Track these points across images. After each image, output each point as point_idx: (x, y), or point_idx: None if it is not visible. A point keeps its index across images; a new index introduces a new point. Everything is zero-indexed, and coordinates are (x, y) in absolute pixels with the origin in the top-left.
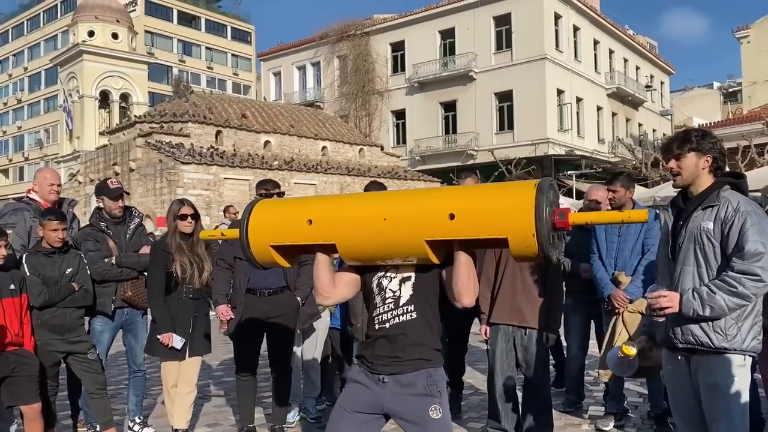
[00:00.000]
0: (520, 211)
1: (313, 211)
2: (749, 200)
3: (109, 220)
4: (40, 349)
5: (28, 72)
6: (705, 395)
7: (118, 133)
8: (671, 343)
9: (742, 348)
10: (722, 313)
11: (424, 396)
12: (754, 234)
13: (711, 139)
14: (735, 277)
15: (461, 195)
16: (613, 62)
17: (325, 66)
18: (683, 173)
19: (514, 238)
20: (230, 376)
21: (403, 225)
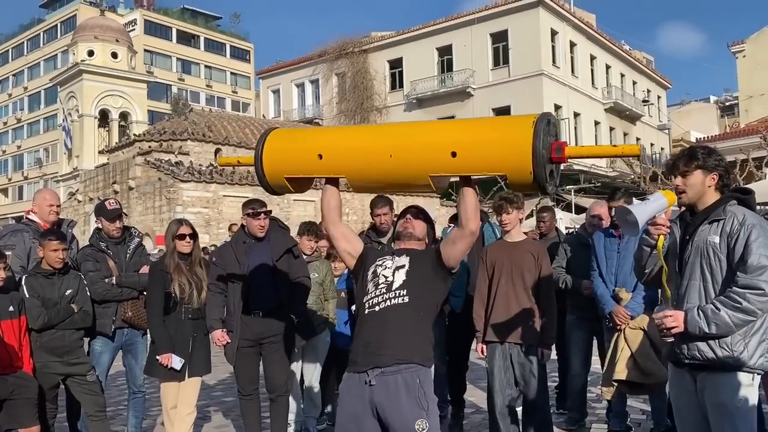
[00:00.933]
0: (518, 149)
1: (323, 146)
2: (756, 214)
3: (109, 240)
4: (38, 372)
5: (27, 92)
6: (712, 415)
7: (118, 152)
8: (677, 359)
9: (748, 365)
10: (728, 330)
11: (413, 406)
12: (759, 247)
13: (717, 156)
14: (739, 293)
15: (462, 131)
16: (610, 77)
17: (324, 83)
18: (689, 191)
19: (512, 174)
20: (230, 395)
21: (407, 162)
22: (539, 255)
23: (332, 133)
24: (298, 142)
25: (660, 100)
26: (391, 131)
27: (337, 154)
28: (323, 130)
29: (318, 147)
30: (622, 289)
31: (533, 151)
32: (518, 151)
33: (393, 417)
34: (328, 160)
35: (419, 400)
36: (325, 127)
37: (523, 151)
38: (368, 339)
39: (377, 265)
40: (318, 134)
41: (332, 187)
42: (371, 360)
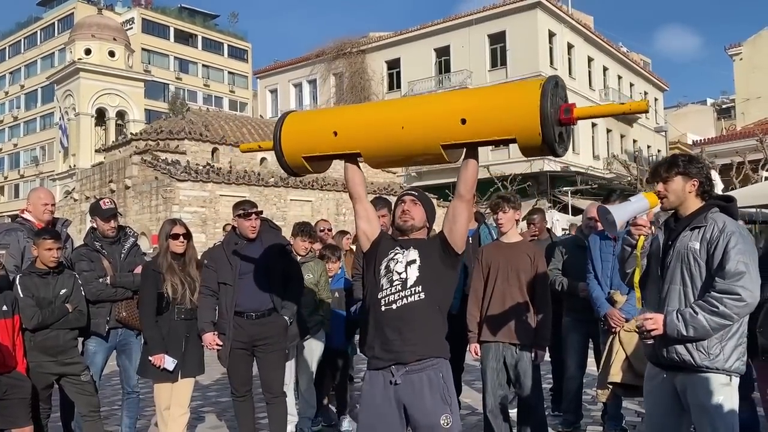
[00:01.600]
0: (526, 111)
1: (337, 123)
2: (736, 222)
3: (104, 240)
4: (32, 372)
5: (24, 90)
6: (694, 415)
7: (114, 151)
8: (657, 360)
9: (724, 368)
10: (706, 333)
11: (437, 402)
12: (737, 254)
13: (698, 164)
14: (716, 297)
15: (470, 99)
16: (608, 79)
17: (322, 83)
18: (670, 196)
19: (522, 137)
20: (225, 396)
21: (419, 132)
22: (535, 256)
23: (346, 110)
24: (313, 122)
25: (657, 102)
26: (402, 104)
27: (351, 130)
28: (338, 109)
29: (333, 125)
30: (617, 291)
31: (541, 112)
32: (526, 113)
33: (419, 414)
34: (343, 136)
35: (443, 395)
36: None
37: (531, 113)
38: (388, 337)
39: (389, 260)
40: (332, 113)
41: (352, 165)
42: (393, 357)
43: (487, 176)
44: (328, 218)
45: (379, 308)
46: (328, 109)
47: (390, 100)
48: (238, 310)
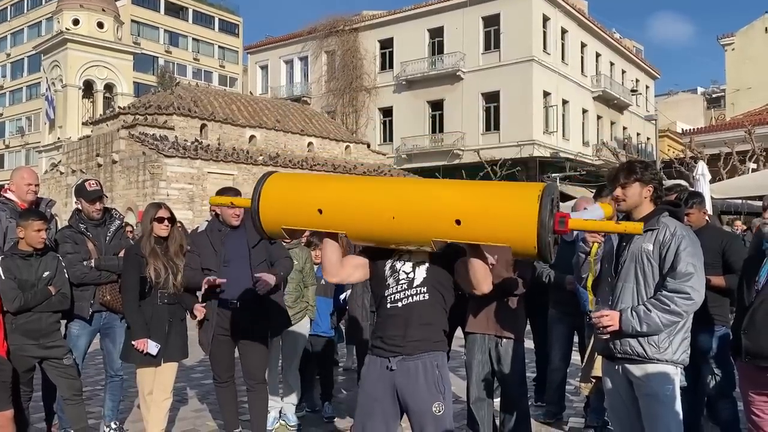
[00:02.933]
0: (524, 223)
1: (323, 200)
2: (684, 226)
3: (89, 222)
4: (13, 355)
5: (10, 58)
6: (644, 404)
7: (102, 124)
8: (610, 353)
9: (672, 359)
10: (658, 329)
11: (430, 389)
12: (687, 256)
13: (653, 170)
14: (668, 296)
15: (467, 198)
16: (600, 65)
17: (313, 61)
18: (627, 200)
19: (516, 246)
20: (208, 378)
21: (411, 224)
22: None
23: (333, 186)
24: (297, 193)
25: (648, 90)
26: (395, 190)
27: (337, 211)
28: (324, 181)
29: (318, 201)
30: None
31: (539, 226)
32: (524, 224)
33: (412, 399)
34: (329, 216)
35: (437, 384)
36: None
37: (528, 226)
38: (392, 332)
39: (395, 260)
40: (318, 184)
41: (332, 242)
42: (393, 350)
43: (477, 160)
44: None
45: (386, 305)
46: (314, 179)
47: (382, 179)
48: (221, 297)
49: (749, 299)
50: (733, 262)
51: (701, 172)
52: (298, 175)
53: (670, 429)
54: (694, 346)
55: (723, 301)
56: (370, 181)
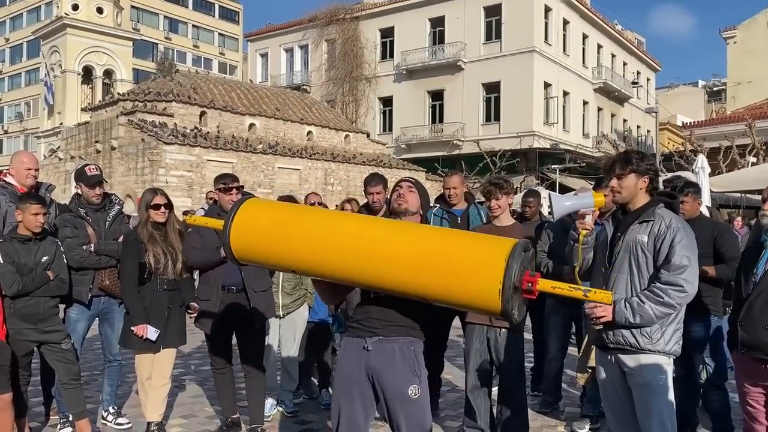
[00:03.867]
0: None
1: (297, 248)
2: (680, 218)
3: (89, 207)
4: (12, 339)
5: (9, 43)
6: (637, 393)
7: (101, 110)
8: (603, 343)
9: (665, 350)
10: (651, 321)
11: (406, 372)
12: (681, 248)
13: (649, 161)
14: (662, 288)
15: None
16: (601, 57)
17: (313, 49)
18: (623, 192)
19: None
20: (206, 364)
21: (380, 284)
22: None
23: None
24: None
25: (649, 82)
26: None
27: (313, 261)
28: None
29: (291, 257)
30: None
31: (503, 303)
32: (487, 296)
33: (387, 382)
34: (301, 269)
35: (413, 367)
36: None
37: (492, 300)
38: (371, 315)
39: None
40: (292, 224)
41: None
42: (371, 330)
43: (477, 151)
44: (316, 187)
45: (368, 294)
46: (289, 213)
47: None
48: (223, 284)
49: (746, 291)
50: (724, 252)
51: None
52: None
53: (663, 418)
54: (687, 337)
55: (715, 292)
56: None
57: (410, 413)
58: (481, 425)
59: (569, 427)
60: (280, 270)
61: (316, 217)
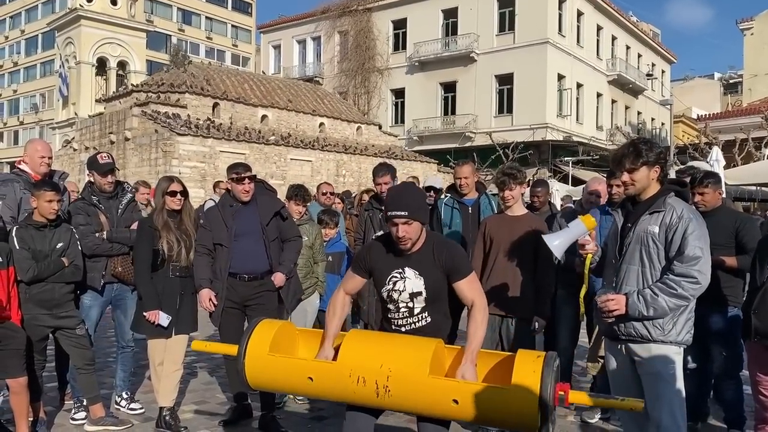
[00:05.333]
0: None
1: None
2: (691, 208)
3: (101, 195)
4: (27, 324)
5: (25, 35)
6: (647, 383)
7: (115, 102)
8: (614, 335)
9: (676, 341)
10: (664, 313)
11: None
12: (694, 239)
13: (658, 149)
14: (675, 280)
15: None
16: (616, 49)
17: (326, 41)
18: (636, 185)
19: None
20: None
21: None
22: (539, 230)
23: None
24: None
25: (664, 74)
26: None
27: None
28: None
29: (308, 369)
30: None
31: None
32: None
33: None
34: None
35: None
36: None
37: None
38: None
39: (391, 290)
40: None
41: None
42: None
43: (489, 143)
44: (328, 179)
45: (390, 326)
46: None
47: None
48: (231, 272)
49: (761, 280)
50: (746, 242)
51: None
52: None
53: (673, 407)
54: (706, 327)
55: (736, 282)
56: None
57: None
58: None
59: (579, 416)
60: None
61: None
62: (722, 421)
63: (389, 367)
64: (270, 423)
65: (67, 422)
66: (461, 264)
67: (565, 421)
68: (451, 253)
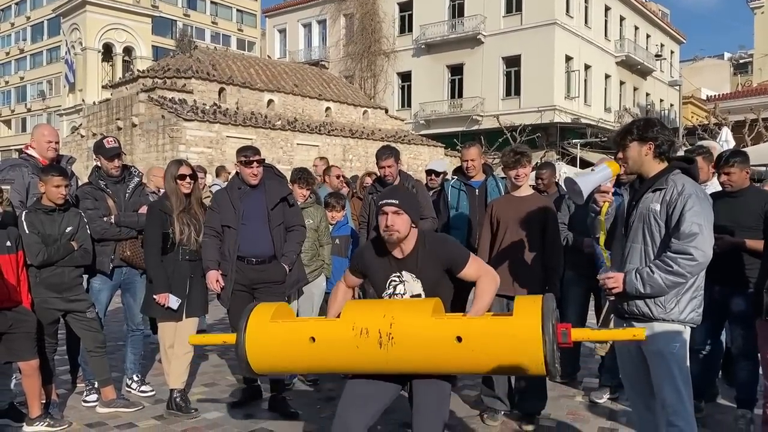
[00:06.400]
0: (528, 343)
1: (315, 327)
2: (695, 184)
3: (108, 179)
4: (38, 307)
5: (30, 21)
6: (651, 362)
7: (121, 87)
8: (619, 313)
9: (679, 319)
10: (661, 290)
11: None
12: (692, 215)
13: (654, 126)
14: (671, 257)
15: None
16: (624, 30)
17: (331, 24)
18: (629, 162)
19: (523, 364)
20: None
21: (407, 349)
22: (547, 211)
23: (323, 320)
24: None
25: (673, 55)
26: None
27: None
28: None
29: (309, 330)
30: None
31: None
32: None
33: None
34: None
35: None
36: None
37: (533, 343)
38: None
39: (393, 294)
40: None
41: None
42: None
43: (497, 126)
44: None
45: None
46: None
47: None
48: (239, 255)
49: None
50: None
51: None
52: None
53: (678, 386)
54: (728, 308)
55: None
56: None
57: (426, 392)
58: (499, 394)
59: (587, 396)
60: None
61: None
62: (733, 400)
63: (392, 315)
64: (279, 404)
65: (79, 404)
66: (458, 254)
67: (573, 401)
68: (446, 247)
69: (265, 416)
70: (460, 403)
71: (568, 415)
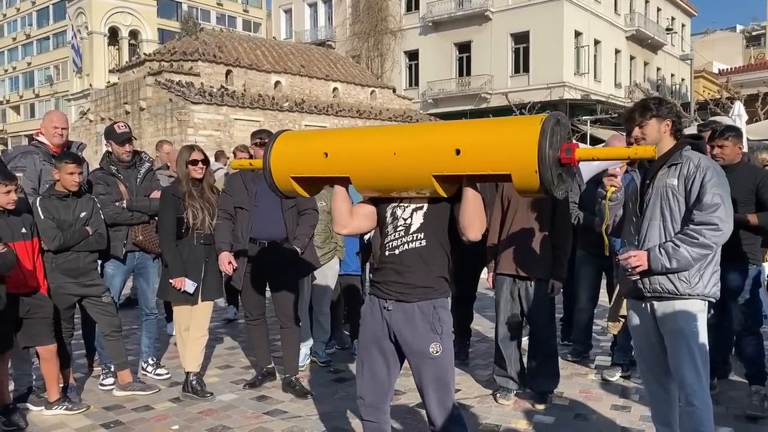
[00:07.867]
0: (523, 148)
1: (329, 145)
2: (708, 158)
3: (119, 164)
4: (54, 292)
5: (36, 6)
6: (669, 340)
7: (128, 71)
8: (639, 294)
9: (704, 293)
10: (688, 264)
11: (426, 331)
12: (713, 187)
13: (668, 104)
14: (696, 229)
15: (467, 130)
16: (634, 3)
17: (337, 3)
18: (647, 138)
19: (517, 174)
20: (242, 318)
21: (411, 160)
22: None
23: (340, 133)
24: (305, 143)
25: (684, 28)
26: (398, 131)
27: (342, 152)
28: (331, 131)
29: (324, 146)
30: None
31: (539, 150)
32: (524, 149)
33: (408, 340)
34: (334, 158)
35: (433, 325)
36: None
37: (528, 150)
38: (390, 278)
39: (395, 207)
40: (326, 135)
41: (342, 192)
42: (391, 294)
43: (506, 104)
44: None
45: (384, 253)
46: (322, 131)
47: (386, 127)
48: (252, 237)
49: None
50: (767, 200)
51: (737, 112)
52: (306, 132)
53: (697, 363)
54: (726, 284)
55: (755, 239)
56: (375, 128)
57: (432, 370)
58: (511, 374)
59: (600, 375)
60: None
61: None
62: (743, 376)
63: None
64: (293, 385)
65: (96, 388)
66: None
67: (586, 379)
68: None
69: (279, 397)
70: (473, 382)
71: (580, 393)
